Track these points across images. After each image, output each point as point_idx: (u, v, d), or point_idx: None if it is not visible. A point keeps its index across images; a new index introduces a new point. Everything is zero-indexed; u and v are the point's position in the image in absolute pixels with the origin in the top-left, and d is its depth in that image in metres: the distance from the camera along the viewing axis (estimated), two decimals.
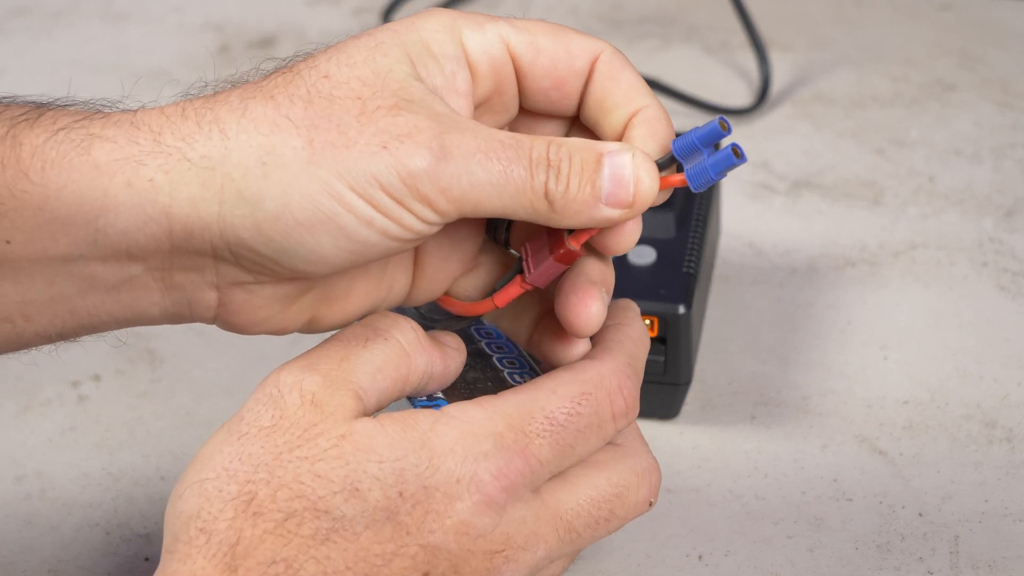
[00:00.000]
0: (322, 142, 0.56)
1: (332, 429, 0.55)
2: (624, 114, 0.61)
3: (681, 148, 0.59)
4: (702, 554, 0.70)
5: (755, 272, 0.86)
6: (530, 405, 0.58)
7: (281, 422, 0.56)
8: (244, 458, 0.55)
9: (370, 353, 0.58)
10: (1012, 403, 0.77)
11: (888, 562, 0.69)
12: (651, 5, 1.10)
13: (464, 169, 0.56)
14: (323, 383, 0.57)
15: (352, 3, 1.12)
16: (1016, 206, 0.91)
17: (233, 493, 0.55)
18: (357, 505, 0.54)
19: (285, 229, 0.56)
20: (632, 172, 0.58)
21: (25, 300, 0.58)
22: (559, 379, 0.59)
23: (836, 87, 1.01)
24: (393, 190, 0.56)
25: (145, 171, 0.56)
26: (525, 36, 0.61)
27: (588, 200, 0.58)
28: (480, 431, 0.56)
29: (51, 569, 0.70)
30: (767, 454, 0.75)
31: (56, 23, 1.10)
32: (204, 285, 0.59)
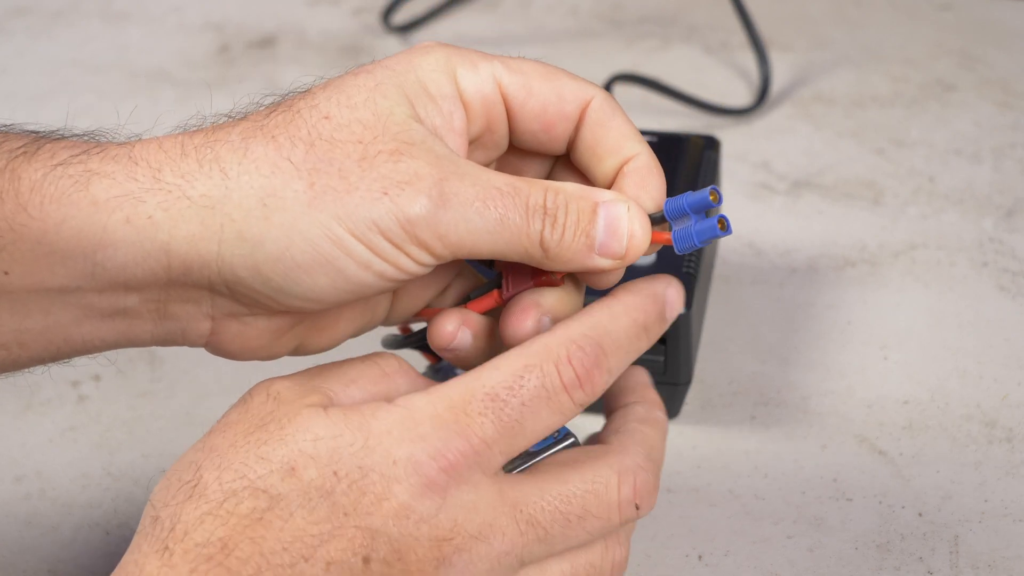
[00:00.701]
0: (323, 186, 0.57)
1: (283, 416, 0.56)
2: (615, 162, 0.62)
3: (672, 210, 0.59)
4: (702, 554, 0.70)
5: (755, 272, 0.86)
6: (472, 384, 0.56)
7: (244, 417, 0.57)
8: (206, 449, 0.56)
9: (345, 367, 0.59)
10: (1012, 403, 0.77)
11: (888, 562, 0.69)
12: (651, 5, 1.11)
13: (462, 216, 0.57)
14: (291, 385, 0.57)
15: (352, 3, 1.12)
16: (1016, 206, 0.91)
17: (186, 479, 0.55)
18: (292, 484, 0.54)
19: (284, 270, 0.57)
20: (627, 225, 0.59)
21: (21, 328, 0.59)
22: (504, 356, 0.57)
23: (836, 87, 1.01)
24: (392, 235, 0.57)
25: (144, 208, 0.57)
26: (518, 78, 0.61)
27: (582, 250, 0.59)
28: (419, 414, 0.56)
29: (51, 569, 0.70)
30: (767, 454, 0.75)
31: (56, 23, 1.10)
32: (199, 316, 0.60)
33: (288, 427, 0.55)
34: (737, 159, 0.95)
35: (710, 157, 0.83)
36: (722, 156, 0.88)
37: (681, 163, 0.82)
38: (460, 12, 1.10)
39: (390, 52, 1.06)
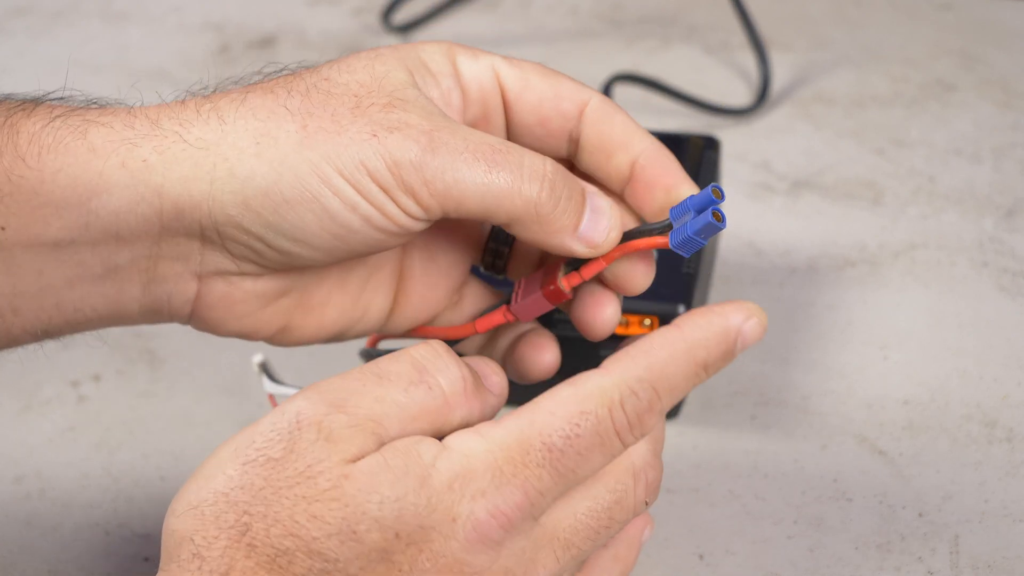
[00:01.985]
0: (315, 127, 0.57)
1: (332, 468, 0.54)
2: (626, 158, 0.62)
3: (677, 214, 0.59)
4: (702, 554, 0.70)
5: (755, 272, 0.86)
6: (528, 431, 0.56)
7: (289, 456, 0.54)
8: (246, 487, 0.54)
9: (408, 399, 0.56)
10: (1012, 403, 0.77)
11: (888, 562, 0.69)
12: (651, 5, 1.11)
13: (450, 165, 0.57)
14: (347, 421, 0.55)
15: (352, 3, 1.12)
16: (1016, 206, 0.91)
17: (230, 522, 0.54)
18: (353, 548, 0.54)
19: (272, 205, 0.57)
20: (609, 218, 0.60)
21: (15, 292, 0.58)
22: (558, 397, 0.57)
23: (836, 87, 1.01)
24: (379, 176, 0.57)
25: (140, 152, 0.57)
26: (516, 71, 0.62)
27: (569, 226, 0.59)
28: (479, 466, 0.55)
29: (51, 569, 0.70)
30: (767, 454, 0.75)
31: (56, 23, 1.10)
32: (186, 275, 0.60)
33: (345, 486, 0.54)
34: (737, 159, 0.95)
35: (710, 157, 0.83)
36: (722, 156, 0.88)
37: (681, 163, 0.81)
38: (460, 12, 1.10)
39: None
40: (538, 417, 0.56)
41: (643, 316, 0.74)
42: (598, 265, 0.60)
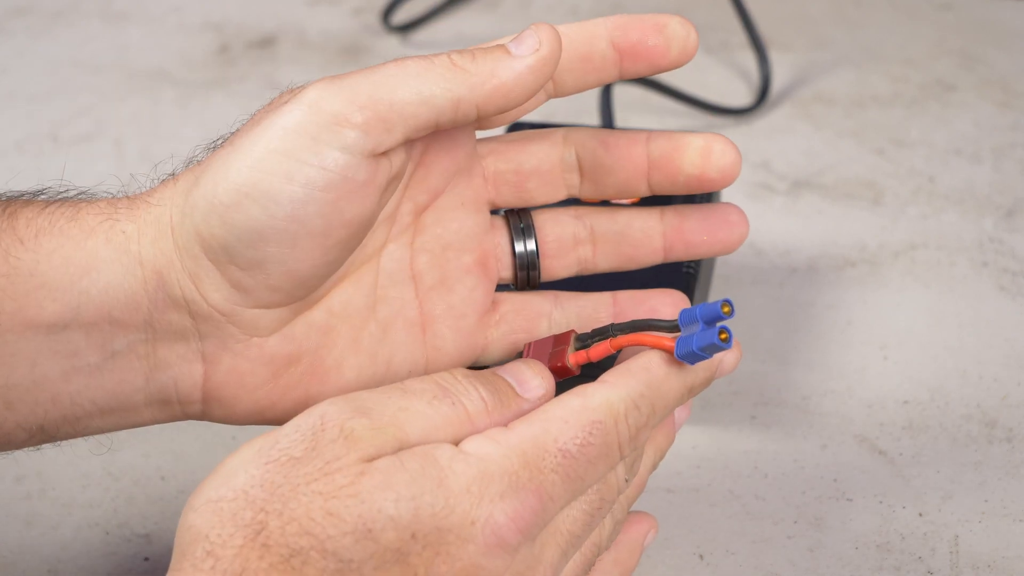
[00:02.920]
0: (249, 127, 0.58)
1: (351, 465, 0.54)
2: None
3: (685, 319, 0.60)
4: (702, 554, 0.70)
5: (755, 272, 0.86)
6: (543, 438, 0.56)
7: (311, 455, 0.54)
8: (266, 485, 0.54)
9: (432, 410, 0.57)
10: (1012, 403, 0.77)
11: (888, 562, 0.69)
12: (651, 5, 1.10)
13: (360, 77, 0.57)
14: (368, 424, 0.55)
15: (352, 3, 1.12)
16: (1016, 206, 0.91)
17: (246, 519, 0.54)
18: (367, 547, 0.53)
19: (220, 219, 0.57)
20: (531, 28, 0.59)
21: (8, 384, 0.59)
22: (569, 406, 0.57)
23: (836, 87, 1.01)
24: (304, 127, 0.56)
25: (119, 225, 0.59)
26: None
27: (499, 57, 0.58)
28: (496, 470, 0.55)
29: (51, 569, 0.70)
30: (767, 454, 0.75)
31: (56, 23, 1.10)
32: (189, 355, 0.60)
33: (362, 483, 0.54)
34: None
35: None
36: None
37: None
38: (460, 12, 1.10)
39: (390, 52, 1.06)
40: (552, 426, 0.56)
41: None
42: (605, 349, 0.61)
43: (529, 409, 0.59)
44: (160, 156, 0.97)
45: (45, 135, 0.99)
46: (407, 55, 0.59)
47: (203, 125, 1.00)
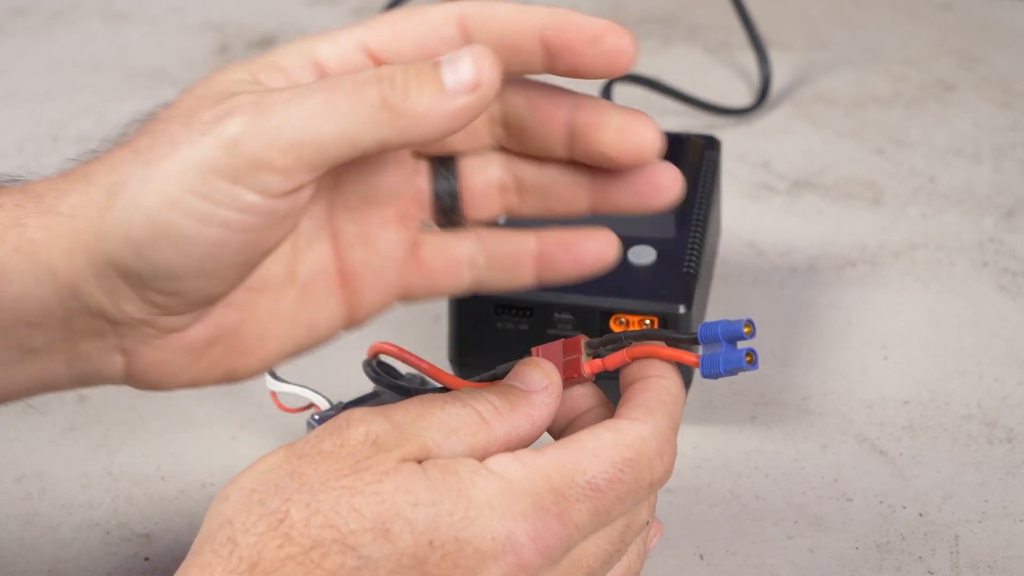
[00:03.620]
0: (156, 157, 0.54)
1: (379, 465, 0.54)
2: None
3: (705, 334, 0.60)
4: (703, 554, 0.70)
5: (755, 272, 0.86)
6: (572, 467, 0.56)
7: (339, 451, 0.55)
8: (295, 475, 0.54)
9: (446, 415, 0.57)
10: (1012, 403, 0.77)
11: (888, 562, 0.69)
12: (651, 5, 1.10)
13: (285, 114, 0.53)
14: (391, 430, 0.56)
15: (352, 3, 1.12)
16: (1016, 206, 0.91)
17: (271, 507, 0.54)
18: (385, 547, 0.53)
19: (135, 254, 0.55)
20: (471, 57, 0.54)
21: None
22: (601, 440, 0.57)
23: (836, 87, 1.01)
24: (222, 168, 0.53)
25: (28, 232, 0.56)
26: (384, 31, 0.57)
27: (435, 96, 0.54)
28: (519, 489, 0.55)
29: (51, 569, 0.70)
30: (767, 454, 0.75)
31: (56, 23, 1.10)
32: (108, 349, 0.58)
33: (386, 482, 0.54)
34: (737, 159, 0.95)
35: (710, 157, 0.83)
36: (722, 156, 0.88)
37: (681, 163, 0.81)
38: None
39: None
40: (583, 458, 0.56)
41: (643, 316, 0.74)
42: (622, 359, 0.61)
43: (537, 402, 0.59)
44: None
45: (45, 135, 0.99)
46: (339, 74, 0.56)
47: None
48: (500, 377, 0.62)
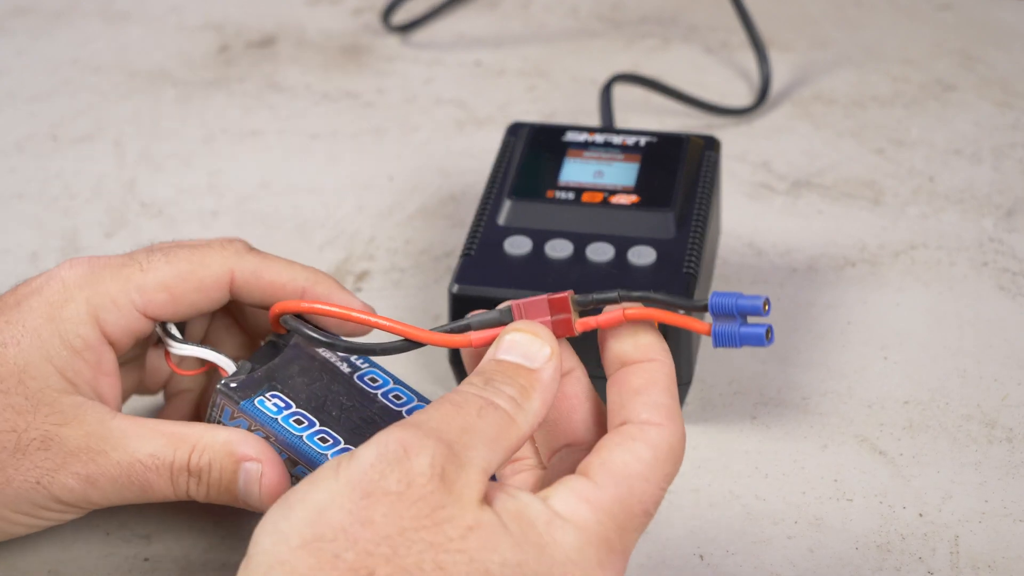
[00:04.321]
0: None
1: (460, 516, 0.54)
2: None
3: (718, 304, 0.60)
4: (703, 554, 0.70)
5: (755, 272, 0.86)
6: (630, 500, 0.57)
7: (408, 492, 0.54)
8: (367, 524, 0.53)
9: (485, 424, 0.57)
10: (1012, 403, 0.77)
11: (888, 562, 0.69)
12: (651, 5, 1.11)
13: (110, 491, 0.65)
14: (450, 456, 0.55)
15: (352, 3, 1.12)
16: (1016, 206, 0.91)
17: (350, 562, 0.53)
18: None
19: None
20: (257, 488, 0.65)
21: None
22: (644, 460, 0.58)
23: (836, 87, 1.01)
24: (50, 510, 0.66)
25: None
26: (161, 296, 0.67)
27: (227, 500, 0.66)
28: (594, 539, 0.56)
29: (51, 570, 0.70)
30: (767, 454, 0.75)
31: (56, 23, 1.10)
32: None
33: (470, 539, 0.54)
34: (737, 159, 0.95)
35: (710, 157, 0.83)
36: (722, 156, 0.88)
37: (681, 163, 0.81)
38: (460, 12, 1.10)
39: (390, 52, 1.06)
40: (635, 485, 0.58)
41: None
42: (618, 318, 0.61)
43: (546, 379, 0.60)
44: (160, 156, 0.97)
45: (45, 135, 0.99)
46: None
47: (203, 125, 1.00)
48: (473, 328, 0.62)
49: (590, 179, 0.81)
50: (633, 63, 1.04)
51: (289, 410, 0.67)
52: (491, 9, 1.11)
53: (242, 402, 0.66)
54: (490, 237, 0.78)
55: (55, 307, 0.66)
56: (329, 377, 0.68)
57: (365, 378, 0.69)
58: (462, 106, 1.01)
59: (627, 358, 0.61)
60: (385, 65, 1.05)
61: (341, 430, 0.66)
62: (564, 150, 0.83)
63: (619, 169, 0.81)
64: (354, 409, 0.67)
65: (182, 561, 0.70)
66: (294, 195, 0.94)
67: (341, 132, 0.99)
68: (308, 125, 0.99)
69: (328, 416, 0.67)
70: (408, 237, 0.90)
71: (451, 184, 0.94)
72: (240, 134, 0.99)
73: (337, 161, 0.96)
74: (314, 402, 0.67)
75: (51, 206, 0.93)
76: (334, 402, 0.67)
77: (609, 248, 0.76)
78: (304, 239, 0.90)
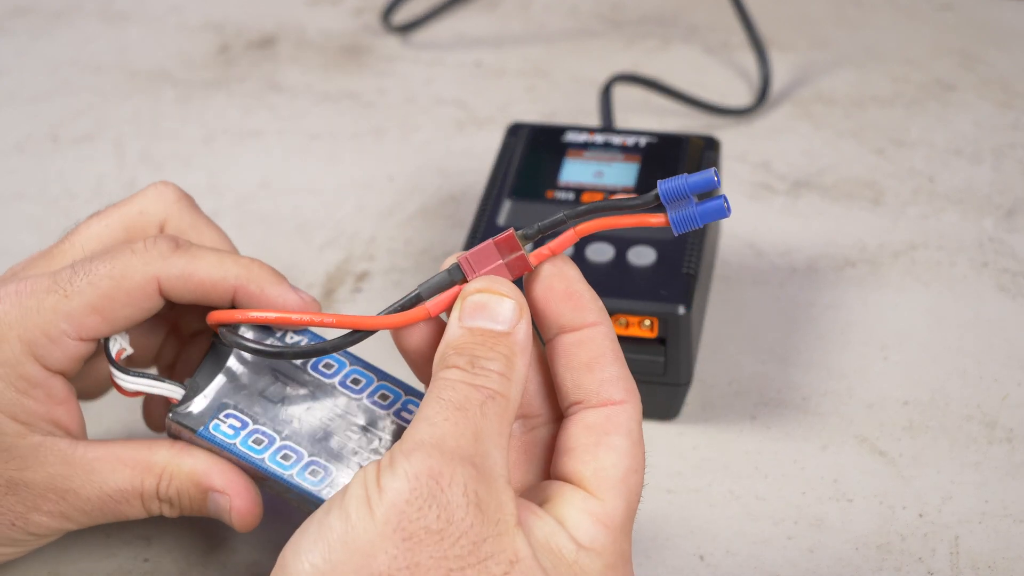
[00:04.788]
0: None
1: (501, 551, 0.54)
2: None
3: (668, 191, 0.59)
4: (703, 554, 0.70)
5: (755, 272, 0.86)
6: (631, 499, 0.59)
7: (450, 529, 0.54)
8: (413, 568, 0.53)
9: (490, 421, 0.57)
10: (1012, 403, 0.77)
11: (888, 562, 0.69)
12: (651, 5, 1.11)
13: (86, 520, 0.65)
14: (478, 477, 0.55)
15: (352, 3, 1.12)
16: (1016, 206, 0.91)
17: None
18: None
19: None
20: (228, 516, 0.65)
21: None
22: (627, 453, 0.59)
23: (836, 87, 1.01)
24: (29, 541, 0.66)
25: None
26: (94, 319, 0.65)
27: (200, 514, 0.66)
28: (613, 559, 0.57)
29: (51, 571, 0.70)
30: (767, 454, 0.75)
31: (56, 23, 1.10)
32: None
33: (513, 574, 0.54)
34: (737, 159, 0.95)
35: (710, 157, 0.83)
36: (722, 156, 0.88)
37: (681, 163, 0.82)
38: (460, 12, 1.10)
39: (390, 52, 1.06)
40: (631, 481, 0.58)
41: (643, 317, 0.74)
42: (570, 239, 0.59)
43: (522, 339, 0.59)
44: (160, 156, 0.97)
45: (45, 135, 0.99)
46: None
47: (203, 125, 1.00)
48: (424, 296, 0.60)
49: (590, 179, 0.81)
50: (633, 63, 1.04)
51: (246, 429, 0.64)
52: (491, 9, 1.11)
53: (198, 430, 0.64)
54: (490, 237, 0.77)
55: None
56: (283, 375, 0.66)
57: (319, 366, 0.66)
58: (462, 106, 1.01)
59: (566, 322, 0.60)
60: (385, 65, 1.05)
61: (303, 440, 0.64)
62: (564, 150, 0.83)
63: (619, 169, 0.81)
64: (313, 408, 0.65)
65: (182, 562, 0.70)
66: (294, 195, 0.94)
67: (341, 132, 0.99)
68: (308, 125, 0.99)
69: (288, 426, 0.64)
70: (408, 237, 0.90)
71: (451, 184, 0.94)
72: (240, 134, 0.99)
73: (337, 161, 0.96)
74: (271, 411, 0.65)
75: (51, 206, 0.93)
76: (292, 405, 0.65)
77: (609, 248, 0.77)
78: (304, 239, 0.90)
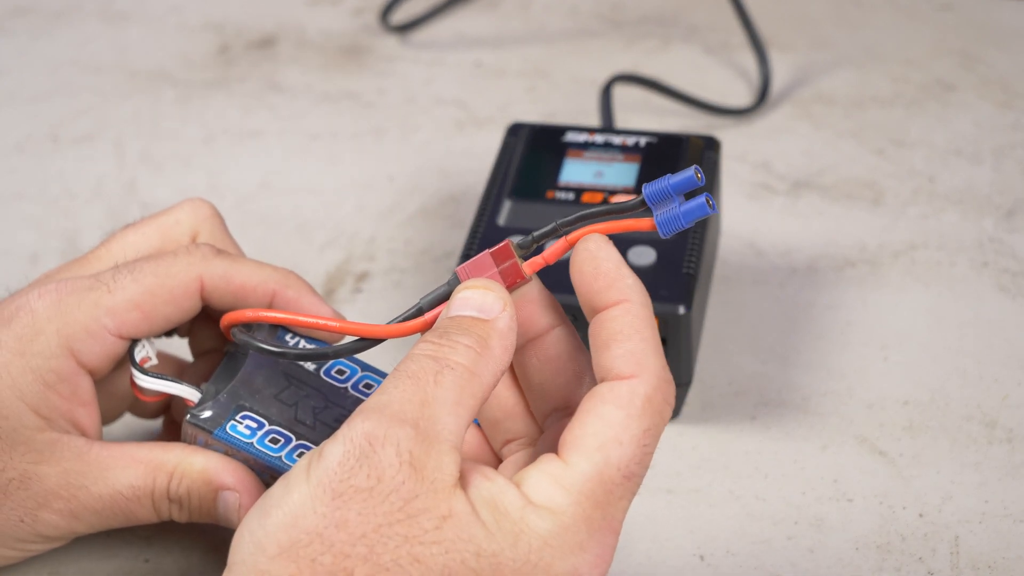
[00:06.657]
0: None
1: (434, 507, 0.53)
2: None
3: (653, 194, 0.58)
4: (703, 555, 0.70)
5: (755, 272, 0.86)
6: (607, 471, 0.55)
7: (379, 487, 0.53)
8: (341, 525, 0.53)
9: (444, 390, 0.56)
10: (1012, 403, 0.77)
11: (888, 563, 0.69)
12: (651, 5, 1.11)
13: (96, 521, 0.65)
14: (416, 438, 0.54)
15: (352, 3, 1.12)
16: (1016, 206, 0.91)
17: (327, 565, 0.53)
18: None
19: None
20: (236, 515, 0.65)
21: None
22: (615, 422, 0.55)
23: (836, 87, 1.01)
24: (36, 544, 0.66)
25: None
26: (134, 315, 0.66)
27: (211, 520, 0.66)
28: (571, 521, 0.54)
29: (52, 571, 0.70)
30: (767, 454, 0.75)
31: (56, 23, 1.10)
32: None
33: (445, 529, 0.53)
34: (737, 159, 0.95)
35: (710, 157, 0.83)
36: (722, 156, 0.88)
37: (681, 163, 0.82)
38: (460, 12, 1.10)
39: (390, 52, 1.06)
40: (611, 452, 0.55)
41: None
42: (563, 248, 0.59)
43: (504, 327, 0.57)
44: (160, 156, 0.97)
45: (45, 135, 0.99)
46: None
47: (203, 125, 1.00)
48: (425, 309, 0.61)
49: (590, 179, 0.81)
50: (633, 63, 1.04)
51: (263, 429, 0.65)
52: (491, 9, 1.11)
53: (215, 431, 0.65)
54: (490, 237, 0.78)
55: (25, 342, 0.64)
56: (297, 380, 0.67)
57: (332, 371, 0.67)
58: (462, 106, 1.01)
59: (596, 303, 0.58)
60: (385, 65, 1.05)
61: (318, 438, 0.65)
62: (564, 150, 0.83)
63: (619, 169, 0.81)
64: (327, 410, 0.66)
65: (182, 562, 0.70)
66: (294, 195, 0.94)
67: (341, 132, 0.99)
68: (308, 125, 1.00)
69: (303, 426, 0.65)
70: (408, 237, 0.90)
71: (451, 184, 0.94)
72: (240, 134, 0.99)
73: (337, 161, 0.96)
74: (286, 413, 0.66)
75: (51, 207, 0.93)
76: (306, 408, 0.66)
77: None
78: (304, 239, 0.90)
